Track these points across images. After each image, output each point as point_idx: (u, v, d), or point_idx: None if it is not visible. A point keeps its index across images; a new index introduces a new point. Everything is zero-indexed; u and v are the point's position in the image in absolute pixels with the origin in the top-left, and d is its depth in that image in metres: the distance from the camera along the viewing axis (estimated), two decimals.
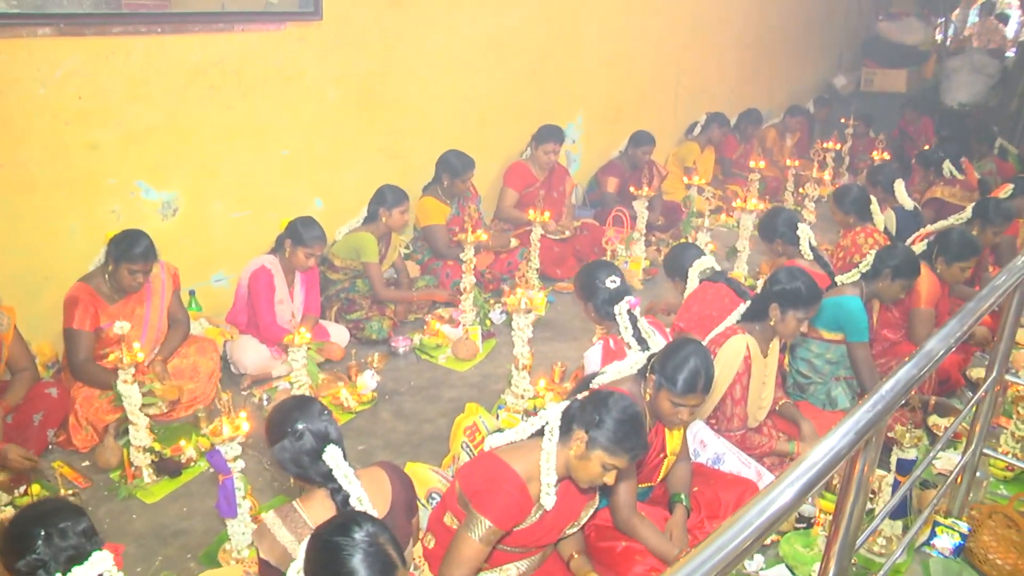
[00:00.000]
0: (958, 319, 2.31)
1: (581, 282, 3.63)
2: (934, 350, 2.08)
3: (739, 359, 3.38)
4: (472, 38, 5.82)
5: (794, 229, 4.51)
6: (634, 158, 6.67)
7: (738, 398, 3.41)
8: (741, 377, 3.39)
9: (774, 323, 3.44)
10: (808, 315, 3.42)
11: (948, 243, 4.40)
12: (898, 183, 5.80)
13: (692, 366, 2.81)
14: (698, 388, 2.82)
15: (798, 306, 3.38)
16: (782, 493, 1.47)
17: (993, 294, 2.57)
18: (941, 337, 2.15)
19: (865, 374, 3.88)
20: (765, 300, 3.46)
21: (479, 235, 4.77)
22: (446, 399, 4.39)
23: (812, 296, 3.40)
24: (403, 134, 5.60)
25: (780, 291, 3.40)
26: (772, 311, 3.42)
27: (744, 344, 3.40)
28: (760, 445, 3.47)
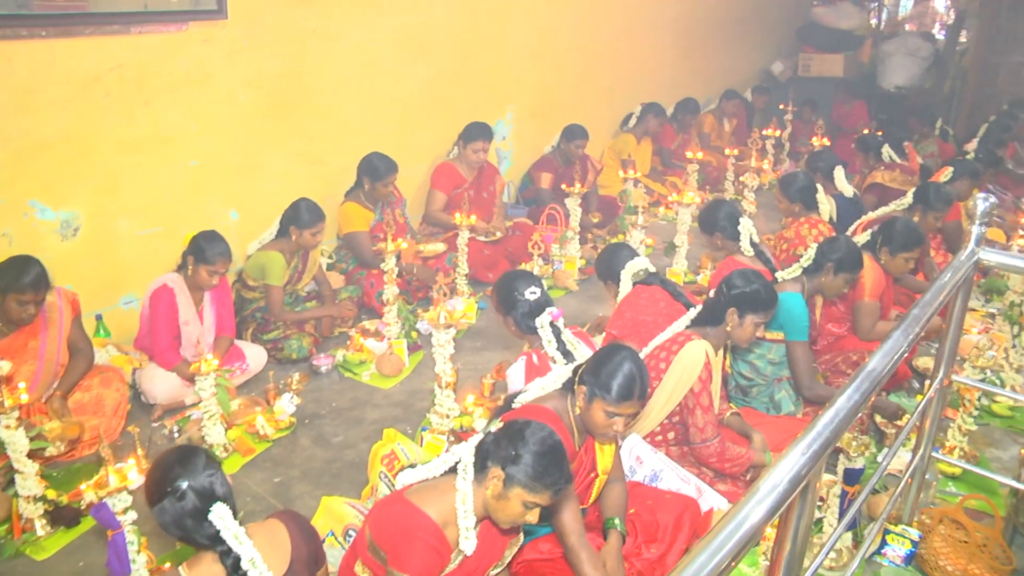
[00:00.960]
0: (902, 330, 2.10)
1: (499, 294, 3.39)
2: (876, 369, 1.86)
3: (700, 366, 3.18)
4: (391, 35, 5.53)
5: (735, 223, 4.31)
6: (567, 153, 6.45)
7: (707, 405, 3.19)
8: (707, 384, 3.19)
9: (731, 328, 3.25)
10: (766, 318, 3.24)
11: (892, 233, 4.24)
12: (838, 170, 5.66)
13: (626, 371, 2.60)
14: (634, 395, 2.61)
15: (757, 310, 3.22)
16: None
17: (937, 296, 2.38)
18: (884, 353, 1.93)
19: (802, 375, 3.69)
20: (721, 305, 3.27)
21: (399, 243, 4.51)
22: (369, 421, 4.12)
23: (771, 299, 3.24)
24: (321, 138, 5.31)
25: (739, 295, 3.23)
26: (730, 316, 3.24)
27: (703, 350, 3.20)
28: (738, 456, 3.23)
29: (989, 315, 5.14)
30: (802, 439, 1.52)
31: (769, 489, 1.43)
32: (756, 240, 4.33)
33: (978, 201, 2.53)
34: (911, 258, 4.24)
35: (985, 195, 2.55)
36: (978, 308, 5.25)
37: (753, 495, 1.42)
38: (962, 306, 2.65)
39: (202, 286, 4.20)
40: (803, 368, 3.69)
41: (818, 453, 1.50)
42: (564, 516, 2.56)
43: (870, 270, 4.19)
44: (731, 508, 1.40)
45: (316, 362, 4.58)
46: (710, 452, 3.20)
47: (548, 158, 6.57)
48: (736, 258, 4.31)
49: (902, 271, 4.31)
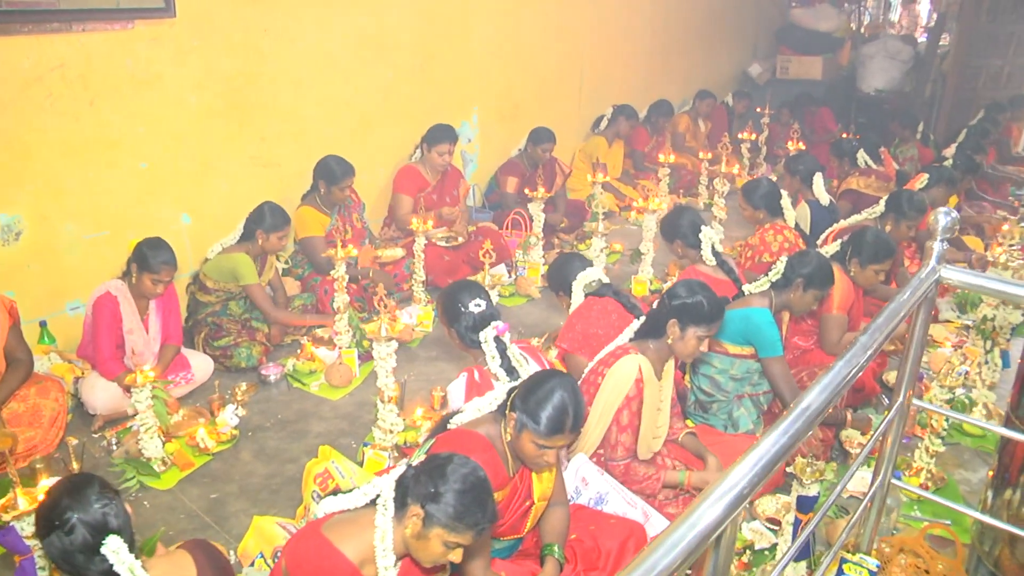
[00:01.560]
0: (845, 361, 1.94)
1: (443, 306, 3.22)
2: (811, 407, 1.69)
3: (630, 382, 3.01)
4: (349, 34, 5.36)
5: (697, 232, 4.15)
6: (534, 156, 6.28)
7: (624, 424, 3.03)
8: (630, 402, 3.02)
9: (672, 341, 3.07)
10: (710, 332, 3.06)
11: (862, 244, 4.08)
12: (817, 176, 5.52)
13: (557, 403, 2.43)
14: (565, 428, 2.44)
15: (700, 322, 3.02)
16: None
17: (892, 318, 2.22)
18: (821, 388, 1.76)
19: (786, 391, 3.53)
20: (662, 316, 3.09)
21: (349, 250, 4.34)
22: (314, 434, 3.96)
23: (715, 311, 3.04)
24: (276, 140, 5.13)
25: (680, 306, 3.04)
26: (671, 328, 3.06)
27: (636, 365, 3.03)
28: (645, 477, 3.08)
29: (964, 327, 4.99)
30: (718, 487, 1.36)
31: (675, 541, 1.27)
32: (719, 249, 4.17)
33: (939, 216, 2.38)
34: (881, 270, 4.08)
35: (947, 210, 2.39)
36: (952, 319, 5.11)
37: (660, 544, 1.27)
38: (923, 326, 2.50)
39: (146, 294, 4.05)
40: (784, 384, 3.53)
41: (733, 504, 1.34)
42: (471, 565, 2.40)
43: (839, 281, 4.04)
44: (638, 555, 1.26)
45: (264, 372, 4.42)
46: (615, 472, 3.07)
47: (514, 161, 6.40)
48: (698, 267, 4.16)
49: (872, 283, 4.15)
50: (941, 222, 2.39)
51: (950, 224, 2.38)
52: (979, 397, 4.08)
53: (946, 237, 2.40)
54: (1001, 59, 9.62)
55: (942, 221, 2.38)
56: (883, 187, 6.16)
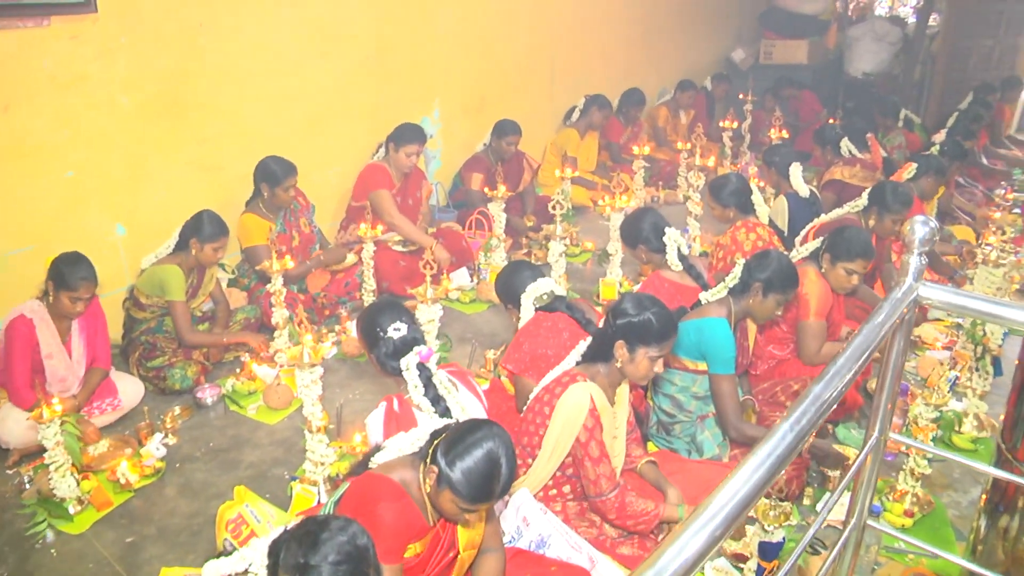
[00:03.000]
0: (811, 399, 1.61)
1: (361, 330, 2.89)
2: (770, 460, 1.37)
3: (583, 414, 2.69)
4: (296, 26, 5.01)
5: (660, 235, 3.82)
6: (499, 151, 5.93)
7: (597, 456, 2.71)
8: (594, 432, 2.69)
9: (622, 364, 2.74)
10: (663, 351, 2.72)
11: (835, 240, 3.75)
12: (794, 167, 5.18)
13: (483, 467, 2.11)
14: (492, 495, 2.14)
15: (650, 342, 2.69)
16: None
17: (867, 343, 1.89)
18: (778, 437, 1.44)
19: (727, 412, 3.20)
20: (608, 337, 2.75)
21: (285, 262, 4.00)
22: (246, 464, 3.64)
23: (666, 328, 2.71)
24: (217, 142, 4.79)
25: (626, 325, 2.70)
26: (618, 350, 2.72)
27: (586, 394, 2.71)
28: (643, 513, 2.74)
29: (955, 326, 4.67)
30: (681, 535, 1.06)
31: None
32: (685, 252, 3.84)
33: (915, 226, 2.04)
34: (853, 271, 3.73)
35: (924, 219, 2.05)
36: (943, 318, 4.78)
37: None
38: (900, 352, 2.16)
39: (67, 314, 3.74)
40: (728, 405, 3.20)
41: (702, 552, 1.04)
42: None
43: (815, 284, 3.72)
44: None
45: (200, 394, 4.10)
46: (608, 507, 2.74)
47: (479, 157, 6.05)
48: (663, 273, 3.83)
49: (841, 284, 3.79)
50: (918, 233, 2.05)
51: (928, 235, 2.05)
52: (970, 407, 3.76)
53: (924, 250, 2.07)
54: (992, 39, 9.29)
55: (919, 232, 2.05)
56: (869, 177, 5.83)
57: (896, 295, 2.08)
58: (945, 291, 2.10)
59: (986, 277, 4.09)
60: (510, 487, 2.18)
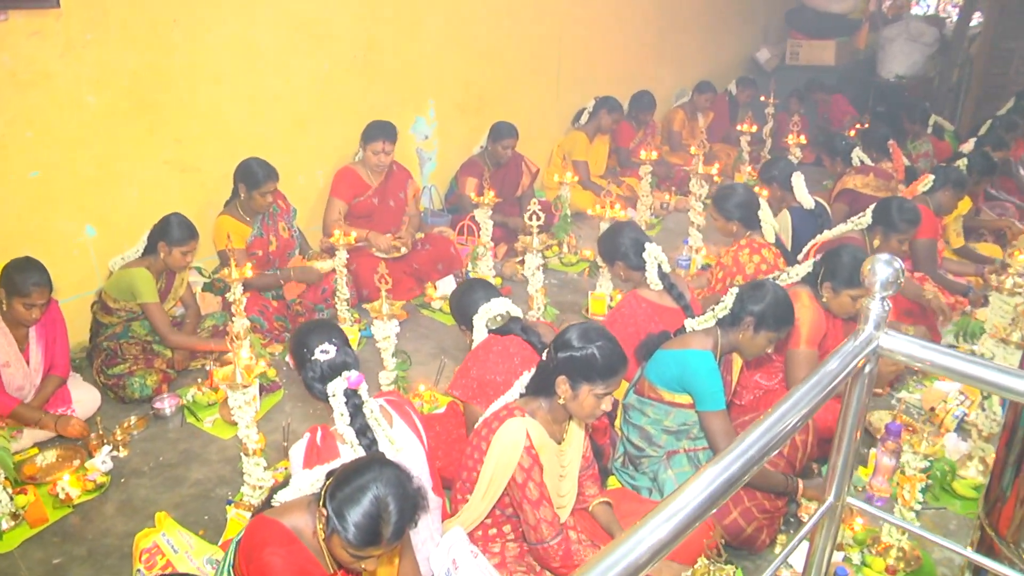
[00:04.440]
0: (719, 465, 1.36)
1: (291, 350, 2.67)
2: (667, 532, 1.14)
3: (518, 451, 2.45)
4: (277, 22, 4.80)
5: (640, 251, 3.55)
6: (495, 154, 5.68)
7: (536, 499, 2.47)
8: (531, 473, 2.45)
9: (564, 401, 2.48)
10: (609, 389, 2.46)
11: (836, 265, 3.44)
12: (796, 177, 4.85)
13: (370, 508, 1.92)
14: (380, 540, 1.93)
15: (594, 379, 2.42)
16: None
17: (813, 395, 1.63)
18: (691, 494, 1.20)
19: (724, 447, 2.91)
20: (550, 371, 2.50)
21: (244, 271, 3.80)
22: (191, 482, 3.46)
23: (612, 364, 2.44)
24: (195, 142, 4.62)
25: (568, 360, 2.44)
26: (560, 386, 2.47)
27: (522, 431, 2.46)
28: None
29: (970, 352, 4.33)
30: None
31: None
32: (667, 270, 3.56)
33: (876, 266, 1.76)
34: (859, 296, 3.44)
35: (889, 259, 1.77)
36: (959, 344, 4.45)
37: None
38: (859, 406, 1.89)
39: (22, 322, 3.59)
40: (724, 443, 2.89)
41: None
42: None
43: (809, 310, 3.42)
44: None
45: (158, 404, 3.93)
46: (551, 555, 2.50)
47: (474, 160, 5.80)
48: (640, 293, 3.56)
49: (848, 312, 3.50)
50: (879, 274, 1.76)
51: (892, 277, 1.77)
52: (975, 450, 3.44)
53: (886, 294, 1.79)
54: None
55: (880, 273, 1.76)
56: (883, 186, 5.49)
57: (853, 343, 1.81)
58: (909, 342, 1.82)
59: (1000, 306, 3.75)
60: (403, 532, 1.98)
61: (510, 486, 2.48)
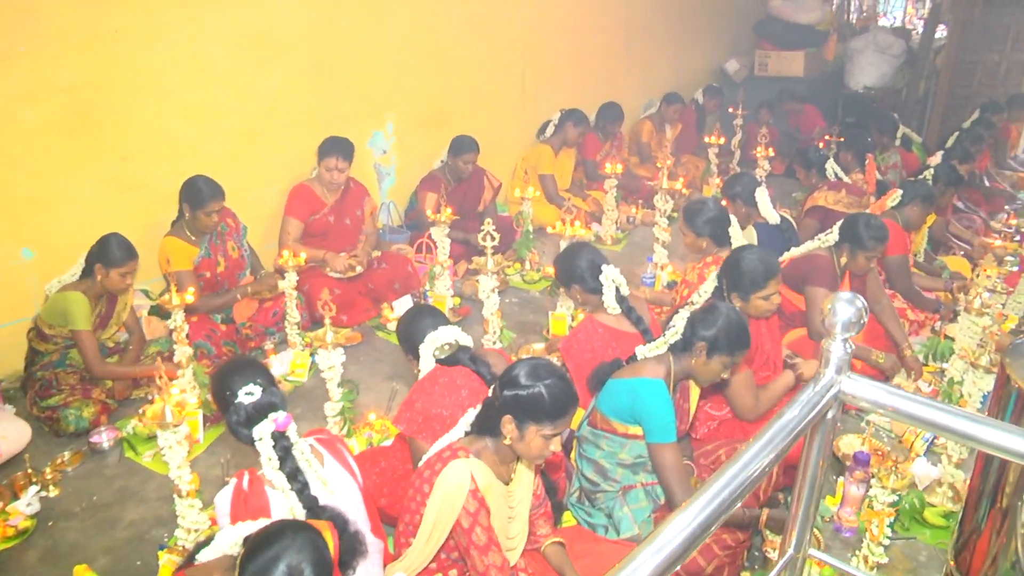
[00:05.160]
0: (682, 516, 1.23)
1: (212, 391, 2.50)
2: None
3: (462, 495, 2.29)
4: (225, 33, 4.61)
5: (596, 273, 3.40)
6: (455, 169, 5.53)
7: (484, 544, 2.30)
8: (477, 517, 2.29)
9: (510, 441, 2.33)
10: (558, 430, 2.30)
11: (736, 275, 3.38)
12: (760, 192, 4.73)
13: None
14: None
15: (541, 419, 2.27)
16: None
17: (775, 443, 1.50)
18: None
19: (676, 488, 2.75)
20: (496, 409, 2.35)
21: (184, 297, 3.61)
22: (125, 524, 3.25)
23: (561, 405, 2.29)
24: (140, 159, 4.41)
25: (514, 399, 2.29)
26: (506, 425, 2.31)
27: (467, 473, 2.30)
28: None
29: (939, 372, 4.23)
30: None
31: None
32: (625, 293, 3.42)
33: (837, 306, 1.62)
34: (771, 295, 3.35)
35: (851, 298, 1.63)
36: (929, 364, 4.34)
37: None
38: (819, 456, 1.75)
39: None
40: (673, 478, 2.75)
41: None
42: None
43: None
44: None
45: (95, 438, 3.71)
46: None
47: (435, 175, 5.64)
48: (597, 318, 3.41)
49: (765, 314, 3.40)
50: (840, 315, 1.63)
51: (854, 317, 1.64)
52: (944, 476, 3.32)
53: (848, 336, 1.66)
54: (998, 54, 8.81)
55: (841, 314, 1.62)
56: (855, 203, 5.39)
57: (814, 387, 1.67)
58: (874, 387, 1.68)
59: (968, 327, 3.64)
60: None
61: (456, 531, 2.32)
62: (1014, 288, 4.90)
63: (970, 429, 1.53)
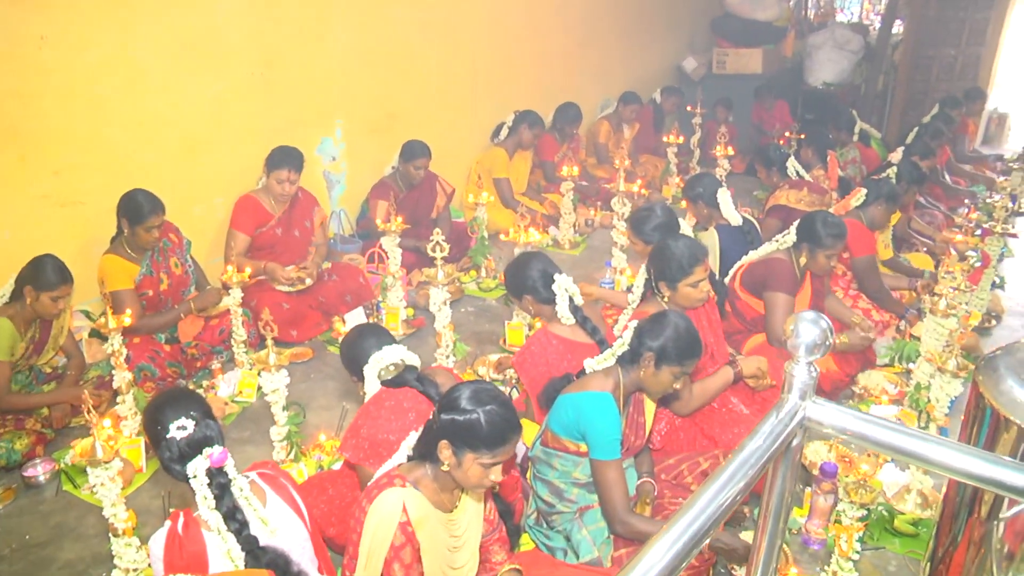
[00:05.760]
0: None
1: (144, 424, 2.32)
2: None
3: (392, 527, 2.15)
4: (162, 39, 4.41)
5: (548, 283, 3.25)
6: (407, 175, 5.37)
7: None
8: (399, 552, 2.16)
9: (448, 468, 2.18)
10: (497, 459, 2.16)
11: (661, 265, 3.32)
12: (722, 193, 4.62)
13: None
14: None
15: (478, 448, 2.13)
16: None
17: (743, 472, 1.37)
18: None
19: (612, 503, 2.60)
20: (433, 434, 2.21)
21: (121, 319, 3.42)
22: (60, 564, 3.06)
23: (500, 433, 2.14)
24: (74, 173, 4.20)
25: (450, 424, 2.15)
26: (443, 451, 2.18)
27: (398, 504, 2.16)
28: None
29: (906, 372, 4.14)
30: None
31: None
32: (579, 302, 3.28)
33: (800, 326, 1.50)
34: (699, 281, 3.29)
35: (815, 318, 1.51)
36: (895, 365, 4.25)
37: None
38: (784, 484, 1.62)
39: None
40: (613, 495, 2.62)
41: None
42: None
43: None
44: None
45: (29, 471, 3.51)
46: None
47: (386, 182, 5.47)
48: (551, 329, 3.27)
49: (696, 303, 3.34)
50: (804, 336, 1.50)
51: (818, 339, 1.51)
52: (913, 483, 3.23)
53: (813, 359, 1.53)
54: (954, 48, 8.82)
55: (804, 335, 1.50)
56: (818, 201, 5.31)
57: (774, 419, 1.55)
58: (840, 412, 1.56)
59: (934, 329, 3.55)
60: None
61: (387, 563, 2.18)
62: (977, 285, 4.83)
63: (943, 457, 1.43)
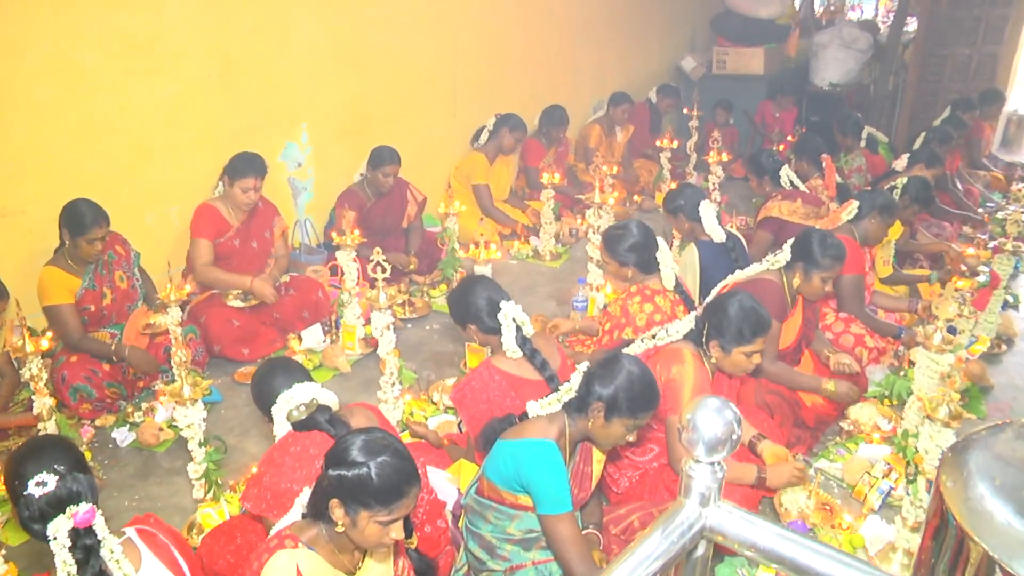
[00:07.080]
0: None
1: (4, 479, 2.08)
2: None
3: None
4: (108, 39, 4.14)
5: (494, 311, 2.97)
6: (375, 183, 5.09)
7: None
8: None
9: (342, 528, 1.93)
10: (395, 515, 1.91)
11: (723, 321, 2.92)
12: (705, 206, 4.31)
13: None
14: None
15: (371, 505, 1.88)
16: None
17: None
18: None
19: (574, 565, 2.33)
20: (323, 490, 1.95)
21: (39, 343, 3.16)
22: None
23: (393, 486, 1.89)
24: (14, 181, 3.97)
25: (338, 480, 1.90)
26: (335, 510, 1.93)
27: (291, 567, 1.91)
28: None
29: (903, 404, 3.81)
30: None
31: None
32: (528, 333, 2.99)
33: (697, 418, 1.23)
34: (754, 352, 2.93)
35: (720, 406, 1.24)
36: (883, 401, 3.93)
37: None
38: None
39: None
40: (571, 553, 2.33)
41: None
42: None
43: (691, 369, 2.90)
44: None
45: None
46: None
47: (353, 190, 5.19)
48: (494, 363, 2.98)
49: (744, 370, 2.99)
50: (704, 430, 1.24)
51: (722, 436, 1.23)
52: (899, 540, 2.92)
53: (716, 459, 1.25)
54: (969, 47, 8.42)
55: (705, 430, 1.24)
56: (813, 213, 4.98)
57: (671, 523, 1.27)
58: (746, 517, 1.28)
59: (927, 365, 3.22)
60: None
61: None
62: (983, 310, 4.49)
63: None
